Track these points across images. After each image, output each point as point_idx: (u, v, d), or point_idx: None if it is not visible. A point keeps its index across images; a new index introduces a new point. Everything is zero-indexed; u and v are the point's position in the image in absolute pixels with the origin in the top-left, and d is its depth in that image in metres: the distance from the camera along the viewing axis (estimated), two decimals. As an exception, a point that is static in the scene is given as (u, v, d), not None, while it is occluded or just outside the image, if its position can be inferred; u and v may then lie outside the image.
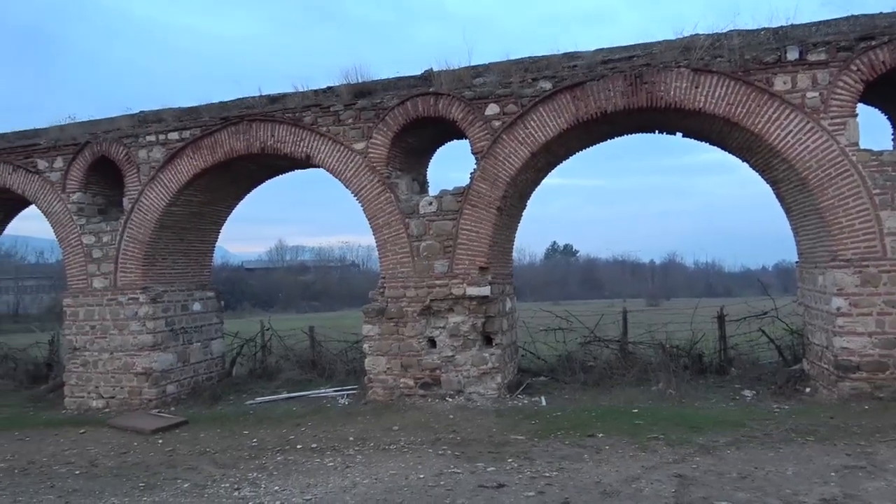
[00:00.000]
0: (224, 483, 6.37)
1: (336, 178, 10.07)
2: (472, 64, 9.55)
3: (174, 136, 10.65)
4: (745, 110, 8.34)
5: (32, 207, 12.15)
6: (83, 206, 11.14)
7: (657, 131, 9.94)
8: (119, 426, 9.29)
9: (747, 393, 9.14)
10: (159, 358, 10.65)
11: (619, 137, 10.17)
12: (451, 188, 9.59)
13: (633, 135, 10.11)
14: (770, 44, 8.32)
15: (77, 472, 7.18)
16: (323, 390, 10.69)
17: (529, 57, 9.33)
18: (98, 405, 10.71)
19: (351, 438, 7.81)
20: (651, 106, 8.66)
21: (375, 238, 9.91)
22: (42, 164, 11.34)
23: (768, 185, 9.52)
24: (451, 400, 9.24)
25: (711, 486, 5.51)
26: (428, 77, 9.63)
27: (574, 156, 10.29)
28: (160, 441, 8.42)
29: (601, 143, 10.22)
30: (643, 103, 8.66)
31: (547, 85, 9.05)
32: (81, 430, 9.25)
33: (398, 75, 9.89)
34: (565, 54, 9.16)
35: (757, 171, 9.42)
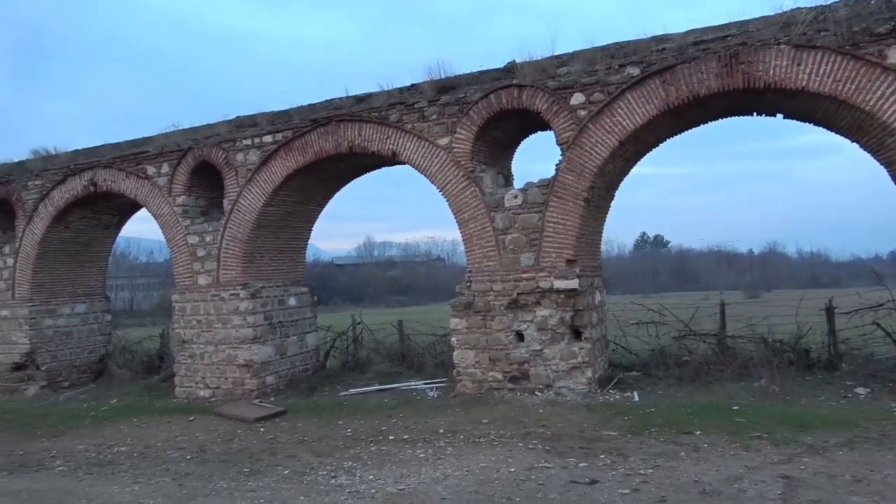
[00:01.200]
0: (321, 471, 6.63)
1: (421, 173, 10.20)
2: (556, 53, 9.40)
3: (268, 139, 11.14)
4: (854, 87, 7.74)
5: (143, 210, 13.09)
6: (187, 208, 11.87)
7: (754, 114, 9.40)
8: (224, 414, 9.84)
9: (861, 390, 8.52)
10: (259, 350, 11.20)
11: (712, 122, 9.70)
12: (536, 180, 9.50)
13: (727, 119, 9.63)
14: (882, 13, 7.67)
15: (188, 457, 7.68)
16: (412, 383, 10.90)
17: (615, 43, 9.07)
18: (205, 394, 11.40)
19: (441, 431, 7.92)
20: (748, 87, 8.20)
21: (461, 232, 9.97)
22: (150, 169, 12.16)
23: (882, 167, 8.80)
24: (540, 394, 9.17)
25: (822, 488, 5.18)
26: (511, 69, 9.56)
27: (664, 143, 9.92)
28: (262, 429, 8.86)
29: (692, 129, 9.79)
30: (739, 85, 8.22)
31: (635, 71, 8.77)
32: (191, 418, 9.88)
33: (481, 69, 9.88)
34: (653, 38, 8.84)
35: (869, 152, 8.72)
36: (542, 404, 8.76)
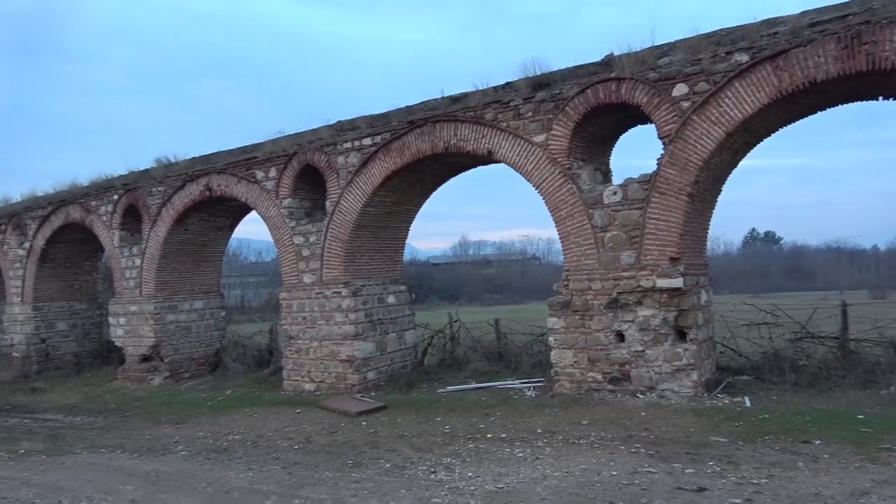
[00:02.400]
0: (421, 466, 6.75)
1: (517, 171, 10.15)
2: (656, 44, 9.06)
3: (367, 141, 11.48)
4: None
5: (252, 213, 13.86)
6: (293, 210, 12.44)
7: (880, 98, 8.65)
8: (328, 408, 10.25)
9: None
10: (361, 347, 11.57)
11: (830, 109, 9.01)
12: (636, 176, 9.20)
13: (847, 105, 8.91)
14: None
15: (296, 447, 8.06)
16: (510, 382, 10.87)
17: (722, 29, 8.62)
18: (310, 388, 11.91)
19: (539, 430, 7.85)
20: (873, 69, 7.55)
21: (558, 230, 9.83)
22: (259, 174, 12.86)
23: None
24: (642, 396, 8.88)
25: (966, 509, 4.69)
26: (608, 62, 9.32)
27: (776, 133, 9.32)
28: (364, 423, 9.15)
29: (808, 117, 9.14)
30: (862, 67, 7.58)
31: (743, 57, 8.30)
32: (298, 410, 10.35)
33: (576, 64, 9.69)
34: (764, 21, 8.32)
35: None
36: (645, 407, 8.48)
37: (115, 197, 15.22)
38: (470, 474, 6.30)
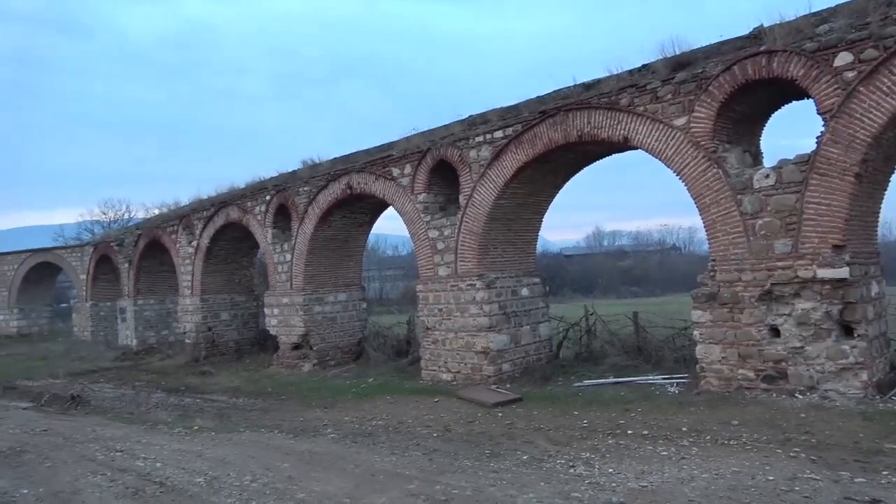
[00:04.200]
0: (559, 459, 6.68)
1: (655, 157, 9.70)
2: (813, 11, 8.25)
3: (499, 134, 11.50)
4: None
5: (389, 209, 14.41)
6: (427, 205, 12.78)
7: None
8: (465, 398, 10.44)
9: None
10: (495, 339, 11.66)
11: None
12: (791, 157, 8.45)
13: None
14: None
15: (435, 435, 8.29)
16: (650, 377, 10.44)
17: (895, -13, 7.66)
18: (447, 378, 12.20)
19: (684, 429, 7.47)
20: None
21: (702, 218, 9.27)
22: (395, 171, 13.33)
23: None
24: (801, 396, 8.16)
25: None
26: (757, 35, 8.62)
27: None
28: (500, 414, 9.22)
29: None
30: None
31: (922, 17, 7.31)
32: (436, 399, 10.64)
33: (720, 39, 9.08)
34: (949, -27, 7.29)
35: None
36: (805, 408, 7.78)
37: (268, 197, 16.47)
38: (610, 470, 6.14)
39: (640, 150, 10.00)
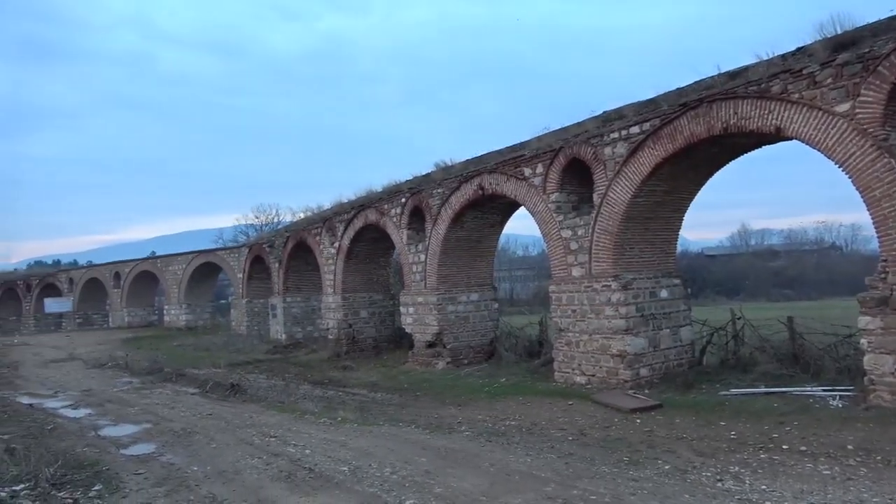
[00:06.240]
0: (705, 472, 6.31)
1: (813, 148, 8.87)
2: None
3: (635, 129, 11.08)
4: None
5: (520, 209, 14.36)
6: (560, 205, 12.59)
7: None
8: (600, 402, 10.16)
9: None
10: (632, 342, 11.24)
11: None
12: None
13: None
14: None
15: (570, 438, 8.15)
16: (808, 388, 9.57)
17: None
18: (581, 381, 11.94)
19: (850, 447, 6.77)
20: None
21: (871, 214, 8.34)
22: (526, 171, 13.27)
23: None
24: None
25: None
26: (940, 5, 7.61)
27: None
28: (638, 421, 8.88)
29: None
30: None
31: None
32: (569, 402, 10.46)
33: (891, 14, 8.11)
34: None
35: None
36: None
37: (403, 200, 17.06)
38: (763, 487, 5.71)
39: (794, 140, 9.20)
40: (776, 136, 9.41)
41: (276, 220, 45.84)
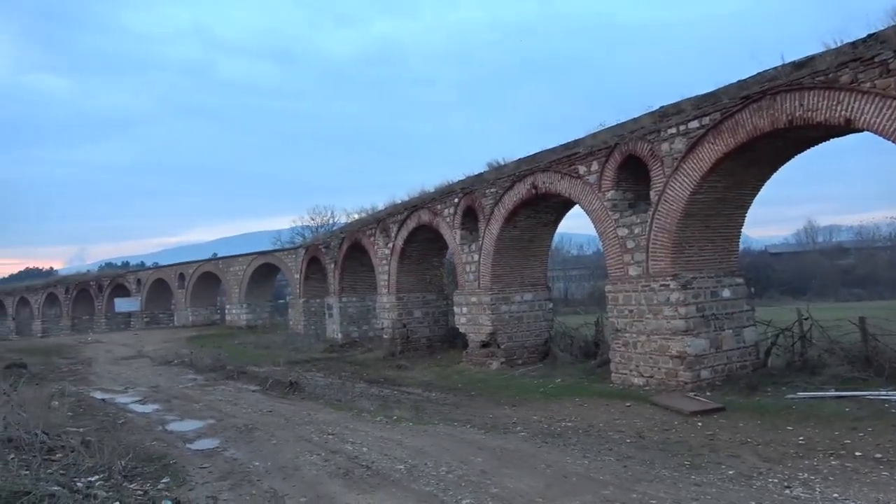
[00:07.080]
0: (771, 478, 6.09)
1: (887, 139, 8.42)
2: None
3: (694, 124, 10.78)
4: None
5: (574, 207, 14.17)
6: (616, 202, 12.36)
7: None
8: (659, 404, 9.92)
9: None
10: (692, 343, 10.93)
11: None
12: None
13: None
14: None
15: (628, 441, 7.99)
16: (884, 392, 9.09)
17: None
18: (638, 382, 11.69)
19: (931, 455, 6.40)
20: None
21: (952, 208, 7.86)
22: (581, 169, 13.08)
23: None
24: None
25: None
26: None
27: None
28: (699, 424, 8.63)
29: None
30: None
31: None
32: (627, 404, 10.26)
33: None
34: None
35: None
36: None
37: (456, 200, 17.09)
38: (835, 495, 5.46)
39: (865, 132, 8.76)
40: (845, 127, 8.99)
41: (331, 221, 46.61)
